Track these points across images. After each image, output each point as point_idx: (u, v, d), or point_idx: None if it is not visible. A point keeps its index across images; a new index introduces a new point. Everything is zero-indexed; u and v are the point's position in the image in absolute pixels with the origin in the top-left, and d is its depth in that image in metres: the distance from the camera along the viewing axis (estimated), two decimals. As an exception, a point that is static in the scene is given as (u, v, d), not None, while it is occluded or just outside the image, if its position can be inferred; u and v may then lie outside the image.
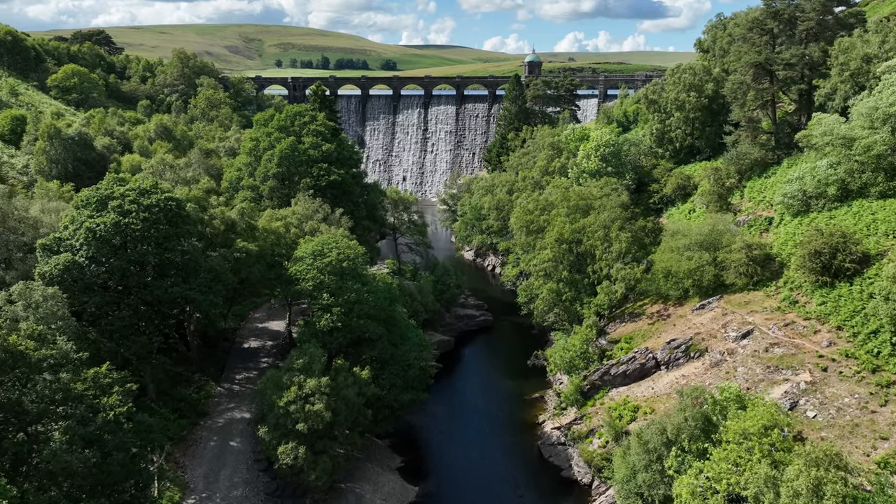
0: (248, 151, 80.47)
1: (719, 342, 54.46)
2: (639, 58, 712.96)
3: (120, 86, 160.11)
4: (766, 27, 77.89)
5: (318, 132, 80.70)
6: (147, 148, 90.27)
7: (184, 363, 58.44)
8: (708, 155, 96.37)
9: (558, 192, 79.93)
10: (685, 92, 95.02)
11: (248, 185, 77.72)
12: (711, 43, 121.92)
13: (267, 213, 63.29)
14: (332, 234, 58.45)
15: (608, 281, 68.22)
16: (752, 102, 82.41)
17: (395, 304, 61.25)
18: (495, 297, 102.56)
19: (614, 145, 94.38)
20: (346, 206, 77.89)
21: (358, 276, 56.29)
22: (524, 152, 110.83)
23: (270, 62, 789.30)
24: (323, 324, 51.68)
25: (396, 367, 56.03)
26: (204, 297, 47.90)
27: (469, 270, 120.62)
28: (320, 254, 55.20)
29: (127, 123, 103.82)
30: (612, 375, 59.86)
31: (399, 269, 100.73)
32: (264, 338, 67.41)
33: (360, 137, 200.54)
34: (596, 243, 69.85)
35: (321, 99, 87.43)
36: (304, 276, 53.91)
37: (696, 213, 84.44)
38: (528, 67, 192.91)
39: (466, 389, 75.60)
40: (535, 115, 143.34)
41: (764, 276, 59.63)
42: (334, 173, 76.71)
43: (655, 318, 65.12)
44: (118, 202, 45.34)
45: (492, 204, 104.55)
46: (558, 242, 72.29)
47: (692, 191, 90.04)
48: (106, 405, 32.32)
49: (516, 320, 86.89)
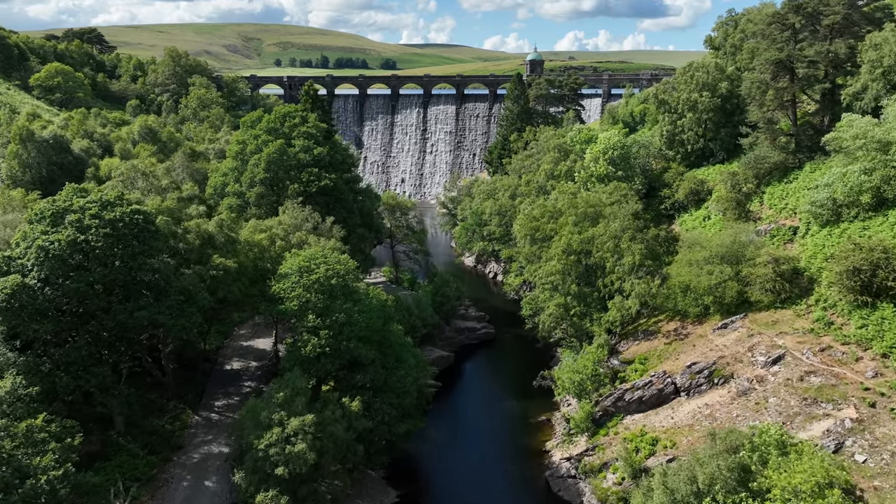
0: (235, 155, 75.39)
1: (746, 367, 49.42)
2: (639, 57, 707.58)
3: (109, 85, 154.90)
4: (787, 22, 72.82)
5: (309, 134, 75.63)
6: (129, 151, 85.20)
7: (158, 389, 53.41)
8: (722, 158, 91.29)
9: (565, 199, 74.90)
10: (698, 91, 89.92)
11: (234, 192, 72.64)
12: (722, 40, 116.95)
13: (250, 225, 58.21)
14: (319, 247, 53.38)
15: (620, 296, 63.20)
16: (770, 102, 77.36)
17: (390, 322, 56.20)
18: (497, 306, 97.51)
19: (623, 148, 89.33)
20: (339, 214, 72.83)
21: (349, 293, 51.24)
22: (527, 154, 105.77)
23: (269, 61, 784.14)
24: (309, 349, 46.62)
25: (391, 394, 50.98)
26: (175, 322, 42.84)
27: (469, 278, 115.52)
28: (307, 270, 50.14)
29: (109, 125, 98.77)
30: (626, 401, 54.83)
31: (396, 277, 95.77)
32: (249, 358, 62.38)
33: (357, 138, 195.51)
34: (606, 255, 64.81)
35: (313, 99, 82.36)
36: (289, 296, 48.86)
37: (711, 221, 79.40)
38: (530, 66, 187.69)
39: (468, 410, 70.54)
40: (537, 115, 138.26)
41: (793, 292, 54.58)
42: (325, 178, 71.63)
43: (672, 336, 60.05)
44: (76, 216, 40.29)
45: (493, 209, 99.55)
46: (566, 253, 67.27)
47: (706, 196, 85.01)
48: (38, 467, 27.21)
49: (520, 332, 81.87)
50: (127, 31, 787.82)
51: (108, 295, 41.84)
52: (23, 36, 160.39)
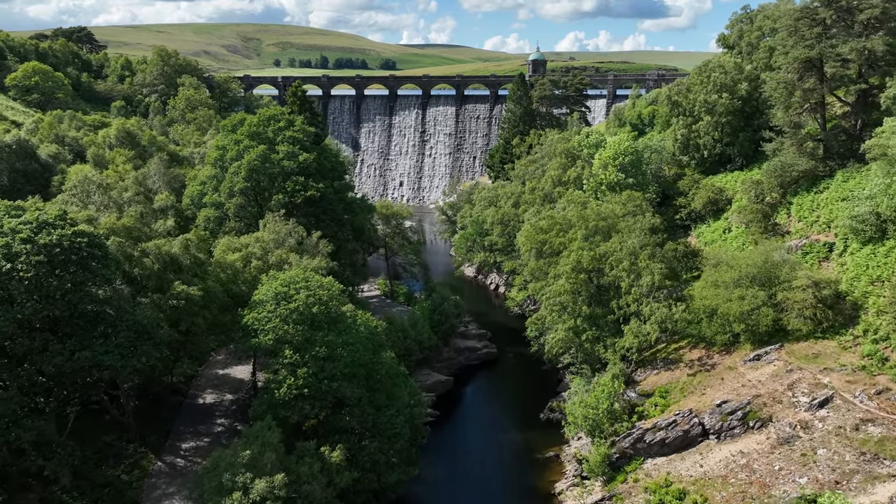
0: (213, 162, 69.13)
1: (787, 410, 43.12)
2: (640, 57, 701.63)
3: (94, 85, 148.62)
4: (817, 17, 66.52)
5: (295, 139, 69.32)
6: (103, 157, 78.92)
7: (117, 429, 47.10)
8: (740, 164, 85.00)
9: (574, 210, 68.64)
10: (715, 93, 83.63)
11: (212, 203, 66.35)
12: (737, 38, 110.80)
13: (222, 244, 51.91)
14: (300, 269, 47.08)
15: (637, 320, 56.94)
16: (797, 104, 71.11)
17: (381, 352, 49.85)
18: (499, 321, 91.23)
19: (634, 153, 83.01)
20: (327, 227, 66.60)
21: (333, 323, 45.01)
22: (531, 160, 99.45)
23: (269, 61, 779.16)
24: (284, 391, 40.36)
25: (380, 437, 44.73)
26: (125, 363, 36.61)
27: (469, 289, 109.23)
28: (285, 297, 43.88)
29: (84, 128, 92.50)
30: (647, 443, 48.51)
31: (391, 291, 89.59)
32: (224, 389, 56.06)
33: (354, 140, 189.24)
34: (621, 274, 58.55)
35: (300, 100, 76.04)
36: (263, 327, 42.59)
37: (732, 234, 73.16)
38: (533, 66, 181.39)
39: (468, 443, 64.20)
40: (541, 117, 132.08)
41: (835, 320, 48.30)
42: (312, 188, 65.34)
43: (697, 367, 53.74)
44: (4, 241, 34.04)
45: (495, 218, 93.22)
46: (576, 271, 61.01)
47: (725, 206, 78.74)
48: None
49: (524, 352, 75.42)
50: (126, 32, 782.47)
51: (46, 333, 35.59)
52: (2, 34, 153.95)
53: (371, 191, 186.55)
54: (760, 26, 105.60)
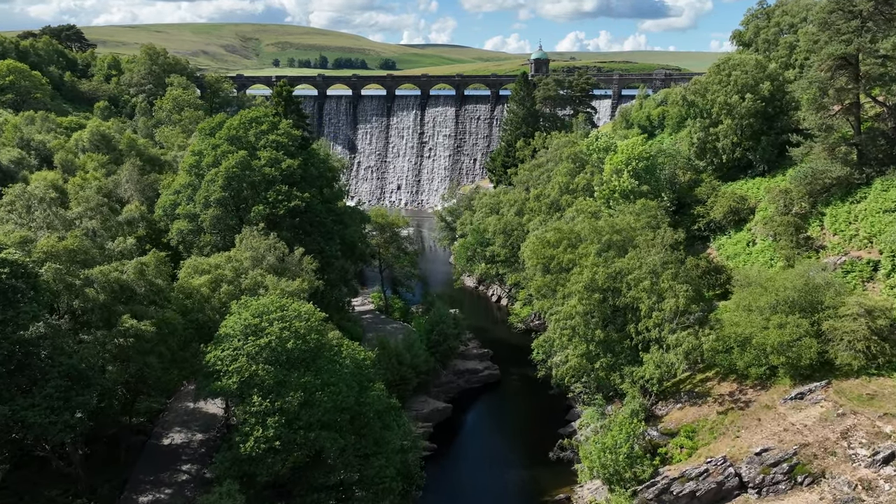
0: (189, 168, 62.88)
1: (843, 464, 36.86)
2: (640, 57, 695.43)
3: (77, 85, 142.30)
4: (854, 9, 60.29)
5: (278, 144, 63.06)
6: (72, 162, 72.70)
7: (63, 481, 40.80)
8: (762, 170, 78.72)
9: (585, 222, 62.35)
10: (736, 93, 77.36)
11: (186, 214, 60.08)
12: (753, 35, 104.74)
13: (187, 265, 45.55)
14: (276, 294, 40.77)
15: (659, 348, 50.66)
16: (829, 106, 64.92)
17: (369, 389, 43.48)
18: (502, 338, 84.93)
19: (648, 158, 76.72)
20: (313, 241, 60.38)
21: (312, 359, 38.77)
22: (536, 164, 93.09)
23: (268, 61, 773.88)
24: (251, 445, 34.09)
25: (365, 494, 38.49)
26: (54, 419, 30.38)
27: (470, 301, 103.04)
28: (255, 330, 37.62)
29: (54, 131, 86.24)
30: (674, 495, 42.25)
31: (386, 305, 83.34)
32: (194, 427, 49.71)
33: (350, 142, 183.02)
34: (641, 295, 52.26)
35: (286, 101, 69.75)
36: (227, 368, 36.32)
37: (757, 247, 66.92)
38: (535, 65, 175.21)
39: (468, 482, 57.78)
40: (545, 118, 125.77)
41: (893, 355, 42.05)
42: (296, 197, 59.06)
43: (728, 403, 47.43)
44: None
45: (497, 227, 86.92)
46: (589, 290, 54.73)
47: (747, 215, 72.52)
48: None
49: (529, 373, 68.91)
50: (123, 31, 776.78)
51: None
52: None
53: (368, 194, 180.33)
54: (779, 22, 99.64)
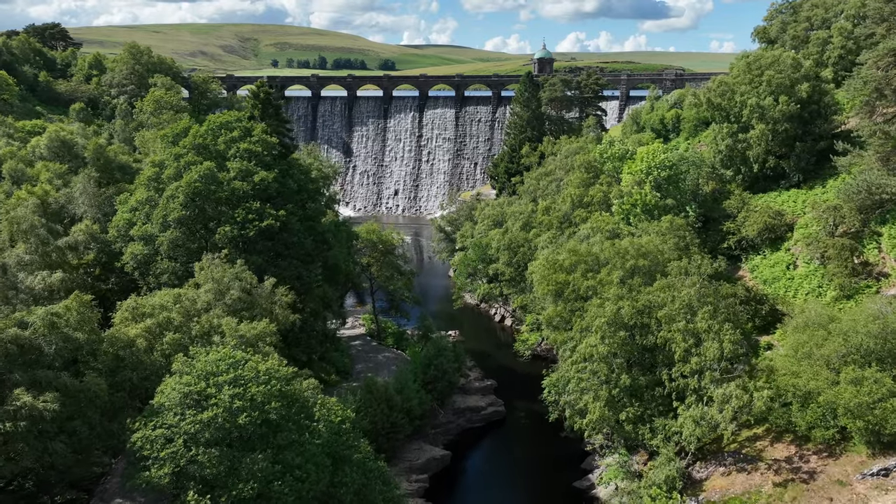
0: (147, 182, 54.57)
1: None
2: (641, 57, 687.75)
3: (53, 85, 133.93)
4: (917, -3, 52.26)
5: (251, 153, 54.77)
6: (23, 172, 64.47)
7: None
8: (797, 180, 70.51)
9: (607, 245, 54.06)
10: (770, 94, 69.07)
11: (142, 236, 51.72)
12: (779, 31, 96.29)
13: (124, 307, 37.09)
14: (226, 350, 32.38)
15: (698, 399, 42.41)
16: (884, 108, 56.82)
17: (350, 454, 35.21)
18: (507, 365, 76.66)
19: (671, 167, 68.43)
20: (290, 266, 52.01)
21: (273, 433, 30.44)
22: (544, 172, 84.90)
23: (266, 62, 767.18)
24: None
25: None
26: None
27: (470, 320, 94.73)
28: (198, 400, 29.30)
29: (9, 136, 77.99)
30: None
31: (378, 331, 75.00)
32: (138, 499, 41.23)
33: (346, 145, 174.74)
34: (675, 335, 43.98)
35: (262, 103, 61.37)
36: (157, 453, 27.98)
37: (799, 271, 58.64)
38: (538, 65, 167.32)
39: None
40: (551, 121, 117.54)
41: None
42: (270, 216, 50.69)
43: (786, 472, 39.08)
44: None
45: (502, 242, 78.65)
46: (612, 326, 46.52)
47: (784, 233, 64.23)
48: None
49: (537, 408, 60.54)
50: (122, 32, 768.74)
51: None
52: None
53: (363, 200, 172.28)
54: (809, 17, 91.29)
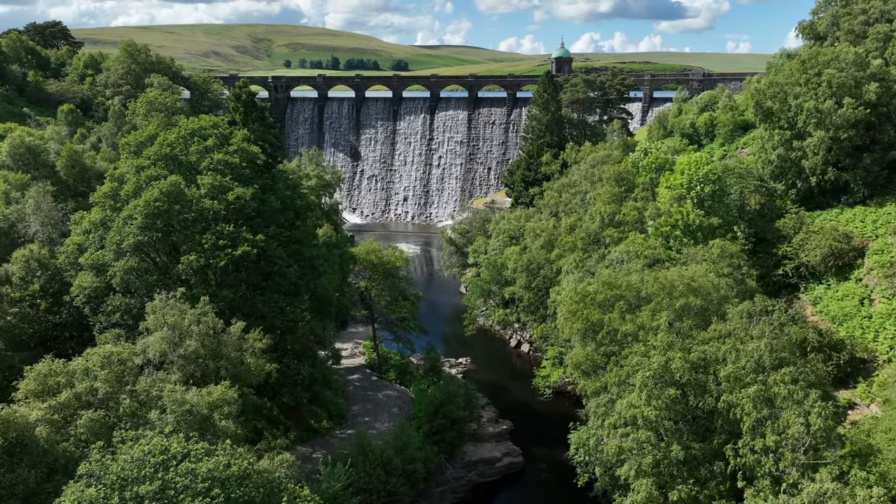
0: (103, 200, 46.16)
1: None
2: (656, 58, 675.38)
3: (43, 85, 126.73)
4: None
5: (228, 165, 46.31)
6: (-24, 183, 56.73)
7: None
8: (862, 196, 61.27)
9: (650, 277, 45.05)
10: (831, 97, 59.84)
11: (92, 264, 43.33)
12: (830, 25, 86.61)
13: (34, 374, 28.54)
14: (158, 440, 23.82)
15: (775, 486, 33.34)
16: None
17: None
18: (525, 402, 67.86)
19: (716, 180, 59.26)
20: (270, 301, 43.45)
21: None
22: (567, 184, 75.79)
23: (279, 62, 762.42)
24: None
25: None
26: None
27: (483, 345, 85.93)
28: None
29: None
30: None
31: (379, 362, 66.44)
32: None
33: (353, 148, 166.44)
34: (744, 402, 34.95)
35: (245, 106, 52.89)
36: None
37: (879, 309, 49.36)
38: (556, 64, 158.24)
39: None
40: (572, 125, 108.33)
41: None
42: (245, 242, 42.12)
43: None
44: None
45: (520, 262, 69.84)
46: (660, 382, 37.66)
47: (853, 259, 55.00)
48: None
49: (560, 457, 51.62)
50: (137, 33, 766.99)
51: None
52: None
53: (371, 206, 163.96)
54: (865, 9, 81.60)
